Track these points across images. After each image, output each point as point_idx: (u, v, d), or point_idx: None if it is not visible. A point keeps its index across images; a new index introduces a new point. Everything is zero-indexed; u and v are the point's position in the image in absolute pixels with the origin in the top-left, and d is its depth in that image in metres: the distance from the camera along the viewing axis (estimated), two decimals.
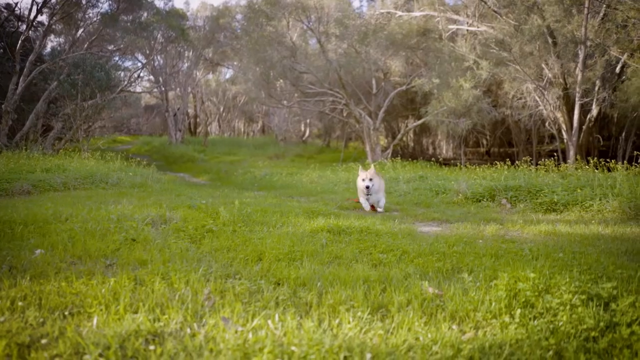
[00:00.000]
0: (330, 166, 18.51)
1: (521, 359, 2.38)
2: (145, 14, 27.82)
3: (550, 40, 18.42)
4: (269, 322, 2.77)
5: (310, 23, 20.83)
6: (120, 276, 3.52)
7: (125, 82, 23.81)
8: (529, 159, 12.12)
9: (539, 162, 11.50)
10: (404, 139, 28.93)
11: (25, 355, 2.27)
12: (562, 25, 17.50)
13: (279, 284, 3.59)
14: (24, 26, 25.75)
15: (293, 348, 2.36)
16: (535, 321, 2.78)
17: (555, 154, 18.77)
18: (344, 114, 25.77)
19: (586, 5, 15.60)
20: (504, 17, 19.48)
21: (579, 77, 16.13)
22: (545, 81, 17.36)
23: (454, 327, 2.81)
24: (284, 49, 20.34)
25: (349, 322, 2.80)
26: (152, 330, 2.56)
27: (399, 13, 24.00)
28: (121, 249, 4.49)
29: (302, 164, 22.73)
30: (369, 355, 2.32)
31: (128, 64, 32.49)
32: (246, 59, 22.26)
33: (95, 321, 2.61)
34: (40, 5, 20.64)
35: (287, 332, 2.58)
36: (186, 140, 34.25)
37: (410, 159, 18.94)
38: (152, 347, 2.35)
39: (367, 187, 7.30)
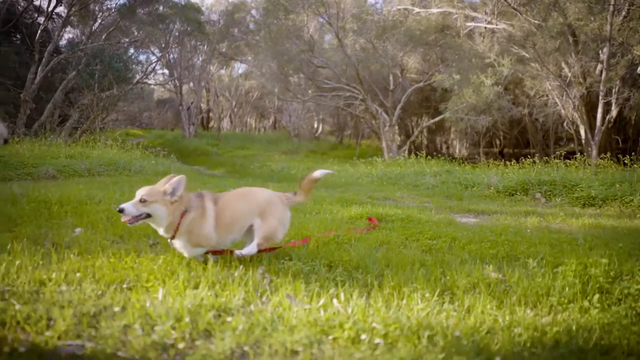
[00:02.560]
0: (346, 162, 18.39)
1: (613, 343, 2.25)
2: (161, 7, 27.80)
3: (571, 39, 18.16)
4: (335, 300, 2.66)
5: (329, 17, 20.66)
6: (171, 253, 3.43)
7: (142, 75, 23.81)
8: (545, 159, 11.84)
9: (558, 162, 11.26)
10: (418, 137, 28.74)
11: (95, 324, 2.18)
12: (585, 24, 17.23)
13: (331, 266, 3.49)
14: (41, 17, 25.87)
15: (375, 325, 2.24)
16: (615, 307, 2.65)
17: (572, 154, 18.53)
18: (359, 110, 25.63)
19: (612, 2, 15.34)
20: (524, 15, 19.24)
21: (603, 76, 15.87)
22: (567, 80, 17.12)
23: (528, 311, 2.69)
24: (302, 43, 20.22)
25: (417, 303, 2.69)
26: (217, 305, 2.46)
27: (417, 9, 23.81)
28: None
29: (316, 160, 22.63)
30: (457, 333, 2.20)
31: (142, 57, 32.56)
32: (263, 53, 22.16)
33: (160, 294, 2.50)
34: None
35: (357, 311, 2.47)
36: (199, 135, 34.24)
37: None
38: (228, 319, 2.24)
39: (121, 211, 3.07)
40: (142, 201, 3.10)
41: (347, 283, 3.07)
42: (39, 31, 20.89)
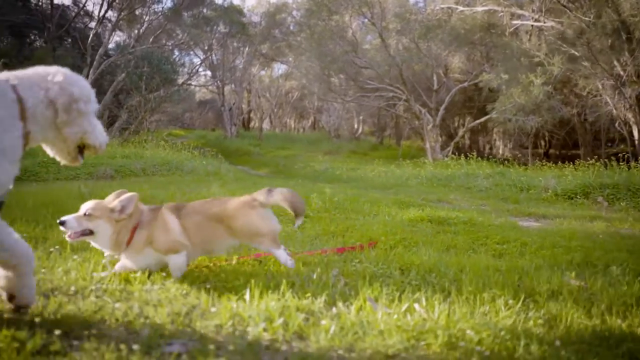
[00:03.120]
0: (389, 162, 18.26)
1: None
2: (206, 10, 28.35)
3: (624, 36, 17.44)
4: (416, 305, 2.64)
5: (372, 17, 20.57)
6: (245, 251, 3.48)
7: (186, 76, 24.34)
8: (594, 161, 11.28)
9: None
10: (461, 138, 28.24)
11: (189, 323, 2.23)
12: None
13: (401, 269, 3.46)
14: (91, 21, 26.85)
15: (469, 332, 2.21)
16: None
17: (621, 155, 17.80)
18: (402, 111, 25.39)
19: None
20: (574, 12, 18.62)
21: None
22: (622, 79, 16.46)
23: (619, 321, 2.59)
24: (346, 44, 20.21)
25: (500, 310, 2.63)
26: (301, 307, 2.48)
27: (460, 8, 23.40)
28: None
29: (358, 160, 22.58)
30: (557, 343, 2.14)
31: (185, 59, 33.30)
32: (306, 54, 22.27)
33: (247, 295, 2.54)
34: (111, 1, 21.35)
35: (442, 316, 2.44)
36: (240, 135, 34.74)
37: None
38: (323, 322, 2.25)
39: (62, 224, 2.76)
40: (87, 215, 2.78)
41: (423, 287, 3.04)
42: (91, 35, 21.68)
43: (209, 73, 34.95)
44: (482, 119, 20.75)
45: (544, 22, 20.05)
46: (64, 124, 2.10)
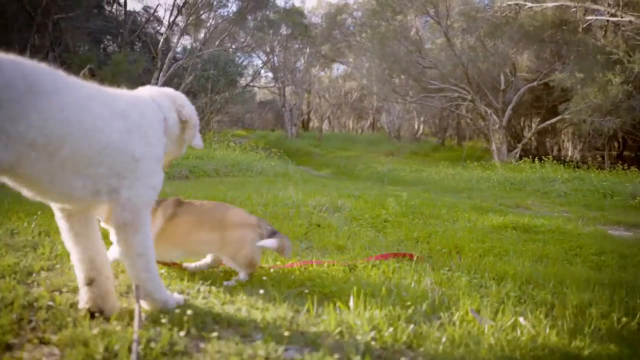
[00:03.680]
0: (453, 164, 17.85)
1: None
2: (268, 13, 28.87)
3: None
4: (521, 319, 2.55)
5: (437, 16, 20.18)
6: (333, 258, 3.51)
7: (250, 78, 24.88)
8: None
9: None
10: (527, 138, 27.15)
11: (296, 328, 2.26)
12: None
13: (494, 279, 3.36)
14: (160, 26, 28.03)
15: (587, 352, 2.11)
16: None
17: None
18: (465, 111, 24.77)
19: None
20: None
21: None
22: None
23: None
24: (410, 44, 19.94)
25: (614, 327, 2.50)
26: (405, 317, 2.46)
27: (529, 4, 22.51)
28: (309, 232, 4.53)
29: (420, 161, 22.24)
30: None
31: (247, 61, 34.07)
32: (368, 54, 22.17)
33: (351, 302, 2.55)
34: (180, 6, 22.20)
35: (549, 332, 2.35)
36: (300, 135, 35.10)
37: (532, 160, 17.69)
38: (437, 334, 2.23)
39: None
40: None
41: (522, 299, 2.95)
42: (162, 40, 22.63)
43: (270, 74, 35.57)
44: (553, 120, 19.86)
45: (621, 17, 18.93)
46: (190, 139, 2.47)
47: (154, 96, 2.25)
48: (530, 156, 16.77)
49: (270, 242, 2.98)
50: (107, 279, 2.18)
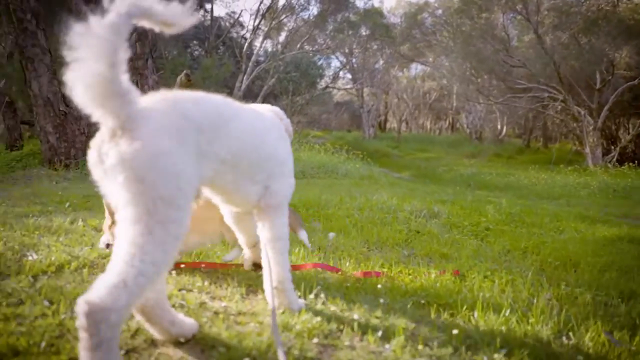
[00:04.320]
0: (541, 167, 16.93)
1: None
2: (348, 14, 28.98)
3: None
4: None
5: (527, 12, 19.25)
6: (439, 267, 3.44)
7: (330, 79, 25.10)
8: None
9: None
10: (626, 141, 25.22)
11: (428, 343, 2.23)
12: None
13: (620, 297, 3.14)
14: (243, 31, 29.01)
15: None
16: None
17: None
18: (554, 112, 23.45)
19: None
20: None
21: None
22: None
23: None
24: (496, 42, 19.18)
25: None
26: (531, 334, 2.35)
27: None
28: (409, 239, 4.47)
29: (504, 164, 21.35)
30: None
31: (325, 62, 34.42)
32: (451, 54, 21.59)
33: (475, 314, 2.48)
34: (264, 12, 22.85)
35: None
36: (377, 136, 34.93)
37: (629, 163, 16.32)
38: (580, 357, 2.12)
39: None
40: None
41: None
42: (246, 44, 23.41)
43: (348, 76, 35.69)
44: None
45: None
46: None
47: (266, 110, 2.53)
48: (627, 160, 15.57)
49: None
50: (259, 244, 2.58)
